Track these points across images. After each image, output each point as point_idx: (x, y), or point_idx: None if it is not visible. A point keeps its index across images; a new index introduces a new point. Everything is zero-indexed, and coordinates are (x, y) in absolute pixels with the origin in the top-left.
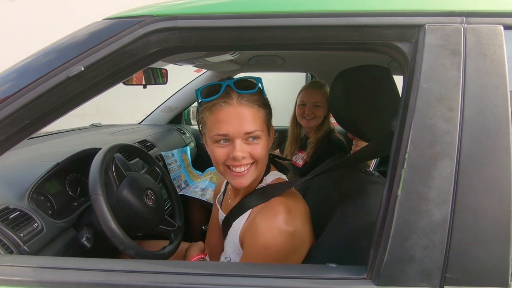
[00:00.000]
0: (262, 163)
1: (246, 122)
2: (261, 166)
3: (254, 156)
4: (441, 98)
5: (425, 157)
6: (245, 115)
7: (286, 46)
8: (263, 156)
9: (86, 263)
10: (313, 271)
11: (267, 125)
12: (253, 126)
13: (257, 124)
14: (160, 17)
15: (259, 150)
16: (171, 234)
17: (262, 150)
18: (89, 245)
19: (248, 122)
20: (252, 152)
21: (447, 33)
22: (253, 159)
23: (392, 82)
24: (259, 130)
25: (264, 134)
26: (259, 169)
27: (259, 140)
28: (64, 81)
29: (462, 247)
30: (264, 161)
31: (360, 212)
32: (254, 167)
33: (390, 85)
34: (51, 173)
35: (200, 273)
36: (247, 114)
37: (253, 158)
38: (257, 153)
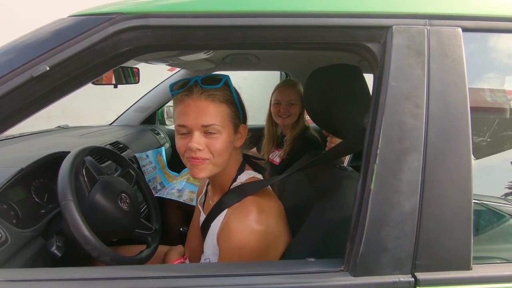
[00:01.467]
0: (220, 159)
1: (204, 115)
2: (220, 162)
3: (211, 150)
4: (409, 96)
5: (395, 151)
6: (204, 108)
7: (260, 45)
8: (221, 151)
9: (57, 273)
10: (292, 267)
11: (232, 122)
12: (210, 120)
13: (216, 119)
14: (131, 14)
15: (217, 144)
16: (148, 237)
17: (221, 145)
18: (59, 253)
19: (207, 115)
20: (210, 145)
21: (412, 34)
22: (209, 154)
23: (362, 80)
24: (218, 125)
25: (225, 130)
26: (218, 165)
27: (218, 135)
28: (28, 82)
29: (430, 236)
30: (223, 158)
31: (336, 206)
32: (208, 163)
33: (361, 83)
34: (14, 180)
35: (179, 275)
36: (206, 107)
37: (210, 152)
38: (215, 148)
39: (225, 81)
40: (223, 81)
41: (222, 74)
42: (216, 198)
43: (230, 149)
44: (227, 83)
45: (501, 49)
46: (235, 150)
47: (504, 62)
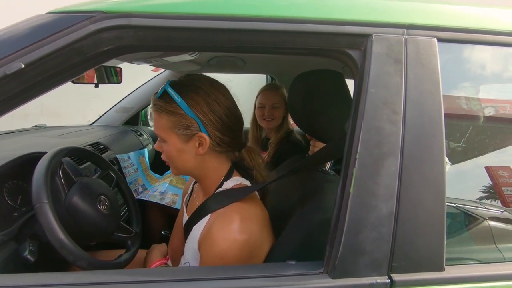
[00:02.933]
0: (176, 164)
1: (154, 125)
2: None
3: (166, 155)
4: (387, 102)
5: (373, 156)
6: (154, 119)
7: (244, 49)
8: (171, 158)
9: (30, 278)
10: (273, 270)
11: (176, 132)
12: (157, 130)
13: (157, 128)
14: (112, 13)
15: (168, 151)
16: (128, 241)
17: (169, 153)
18: (33, 258)
19: (155, 125)
20: (165, 152)
21: (391, 43)
22: (166, 158)
23: (344, 86)
24: (160, 134)
25: (170, 139)
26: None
27: (166, 143)
28: (1, 79)
29: (405, 238)
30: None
31: (318, 209)
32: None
33: (343, 89)
34: None
35: (159, 280)
36: (155, 118)
37: (166, 156)
38: (168, 154)
39: (163, 91)
40: (160, 91)
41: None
42: (201, 201)
43: (187, 157)
44: (165, 92)
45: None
46: (211, 157)
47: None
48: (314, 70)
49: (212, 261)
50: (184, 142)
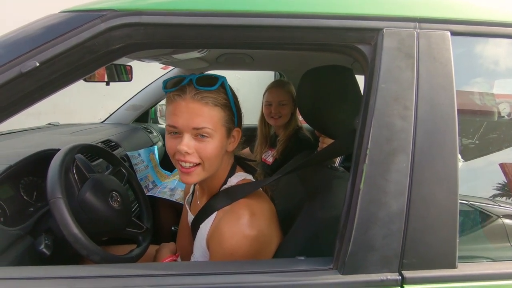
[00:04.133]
0: (211, 164)
1: (196, 118)
2: (210, 168)
3: (201, 155)
4: (398, 98)
5: (384, 152)
6: (196, 110)
7: (252, 45)
8: (211, 156)
9: (46, 271)
10: (282, 265)
11: (225, 126)
12: (202, 123)
13: (208, 122)
14: (123, 11)
15: (208, 149)
16: (139, 236)
17: (211, 150)
18: (48, 252)
19: (199, 117)
20: (200, 150)
21: (402, 37)
22: (199, 159)
23: (354, 81)
24: (210, 128)
25: (217, 134)
26: (208, 170)
27: (210, 139)
28: (17, 77)
29: (416, 235)
30: (213, 163)
31: (327, 206)
32: (200, 168)
33: (353, 85)
34: (2, 177)
35: (169, 273)
36: (198, 110)
37: (200, 157)
38: (205, 152)
39: (221, 83)
40: (218, 83)
41: (218, 75)
42: (205, 200)
43: (222, 154)
44: (223, 85)
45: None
46: (227, 154)
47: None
48: (323, 66)
49: (222, 257)
50: (226, 137)
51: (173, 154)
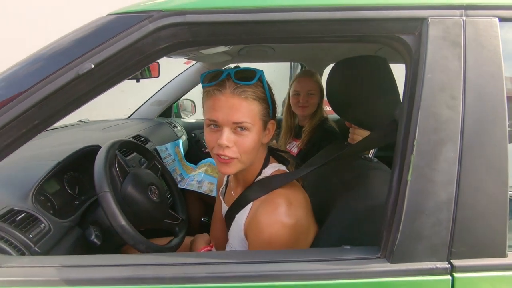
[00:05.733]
0: (247, 157)
1: (235, 112)
2: (247, 160)
3: (240, 148)
4: (444, 88)
5: (431, 143)
6: (235, 105)
7: (294, 39)
8: (249, 150)
9: (112, 259)
10: (331, 254)
11: (263, 119)
12: (242, 117)
13: (247, 116)
14: (169, 12)
15: (246, 142)
16: (176, 227)
17: (249, 143)
18: (98, 242)
19: (238, 112)
20: (238, 143)
21: (448, 25)
22: (237, 153)
23: (390, 72)
24: (249, 122)
25: (255, 127)
26: (244, 162)
27: (248, 132)
28: (74, 79)
29: (465, 224)
30: (250, 155)
31: (364, 196)
32: (236, 161)
33: (388, 75)
34: (51, 173)
35: (225, 262)
36: (238, 104)
37: (238, 150)
38: (244, 146)
39: (259, 77)
40: (257, 77)
41: (255, 68)
42: (239, 191)
43: (258, 146)
44: (260, 79)
45: None
46: (262, 145)
47: None
48: (356, 57)
49: (261, 246)
50: (263, 130)
51: (212, 147)
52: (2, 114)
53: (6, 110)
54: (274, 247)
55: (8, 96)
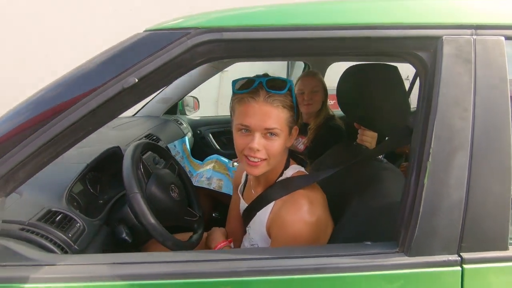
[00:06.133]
0: (274, 160)
1: (268, 119)
2: (273, 163)
3: (269, 152)
4: (457, 101)
5: (445, 150)
6: (268, 113)
7: (321, 54)
8: (277, 153)
9: (159, 256)
10: (353, 249)
11: (289, 126)
12: (273, 124)
13: (278, 123)
14: (206, 29)
15: (275, 147)
16: (194, 224)
17: (277, 147)
18: (130, 239)
19: (270, 119)
20: (268, 147)
21: (460, 44)
22: (266, 155)
23: (400, 78)
24: (279, 129)
25: (283, 133)
26: (271, 164)
27: (277, 137)
28: (119, 93)
29: (474, 222)
30: (276, 158)
31: (378, 195)
32: (265, 163)
33: (399, 82)
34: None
35: (262, 257)
36: (270, 112)
37: (267, 153)
38: (273, 150)
39: (289, 87)
40: (287, 87)
41: (286, 78)
42: (260, 190)
43: (283, 149)
44: (290, 88)
45: None
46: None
47: None
48: (370, 64)
49: (285, 242)
50: (289, 135)
51: (242, 150)
52: (54, 125)
53: (57, 121)
54: (297, 243)
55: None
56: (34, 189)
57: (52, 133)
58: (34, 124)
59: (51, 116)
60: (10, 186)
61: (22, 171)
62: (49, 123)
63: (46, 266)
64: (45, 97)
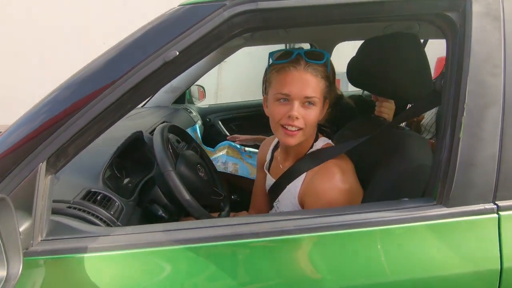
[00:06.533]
0: (310, 129)
1: (307, 87)
2: (308, 132)
3: (306, 120)
4: (488, 58)
5: (478, 106)
6: (308, 81)
7: (353, 20)
8: (313, 122)
9: (209, 222)
10: (394, 205)
11: (325, 96)
12: (312, 92)
13: (316, 92)
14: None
15: (312, 115)
16: (221, 203)
17: (314, 116)
18: (166, 216)
19: (310, 88)
20: (306, 116)
21: (488, 1)
22: (303, 124)
23: (420, 46)
24: (317, 97)
25: (319, 103)
26: (306, 134)
27: (314, 107)
28: (161, 66)
29: (507, 172)
30: (311, 128)
31: (405, 159)
32: (301, 132)
33: (419, 50)
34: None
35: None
36: (310, 80)
37: (304, 122)
38: (310, 118)
39: (327, 58)
40: (326, 58)
41: (323, 50)
42: (289, 164)
43: (317, 120)
44: (327, 61)
45: None
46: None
47: None
48: (389, 34)
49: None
50: (324, 106)
51: (279, 119)
52: (100, 101)
53: (103, 97)
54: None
55: (106, 84)
56: (70, 173)
57: (98, 109)
58: (81, 101)
59: (97, 94)
60: (61, 163)
61: (71, 146)
62: (95, 99)
63: (102, 237)
64: (90, 75)
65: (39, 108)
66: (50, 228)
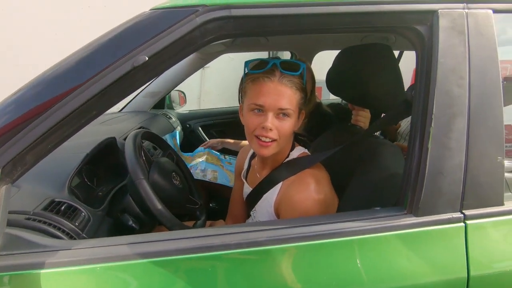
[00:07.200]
0: (284, 140)
1: (282, 99)
2: (283, 143)
3: (280, 132)
4: (454, 69)
5: (446, 116)
6: (282, 93)
7: (327, 30)
8: (287, 134)
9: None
10: (365, 214)
11: (299, 108)
12: (287, 104)
13: (291, 103)
14: (214, 6)
15: (286, 127)
16: (197, 212)
17: (288, 128)
18: (137, 227)
19: (284, 99)
20: (280, 128)
21: (454, 17)
22: (277, 136)
23: (393, 57)
24: (291, 109)
25: (294, 114)
26: (280, 145)
27: (289, 118)
28: (130, 71)
29: (474, 181)
30: (286, 139)
31: (378, 168)
32: (275, 144)
33: (392, 60)
34: (81, 165)
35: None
36: (284, 92)
37: (278, 134)
38: (284, 130)
39: (302, 69)
40: (301, 68)
41: (299, 61)
42: (266, 173)
43: (292, 131)
44: (303, 71)
45: None
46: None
47: None
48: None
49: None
50: (298, 117)
51: (253, 129)
52: (64, 105)
53: (67, 101)
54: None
55: (70, 87)
56: (33, 181)
57: (61, 114)
58: (43, 105)
59: (60, 98)
60: (18, 171)
61: (30, 154)
62: (58, 104)
63: (62, 251)
64: (53, 78)
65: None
66: (5, 242)
